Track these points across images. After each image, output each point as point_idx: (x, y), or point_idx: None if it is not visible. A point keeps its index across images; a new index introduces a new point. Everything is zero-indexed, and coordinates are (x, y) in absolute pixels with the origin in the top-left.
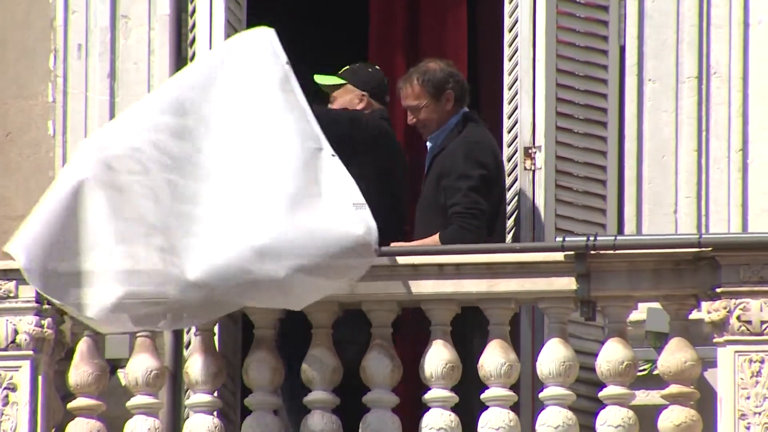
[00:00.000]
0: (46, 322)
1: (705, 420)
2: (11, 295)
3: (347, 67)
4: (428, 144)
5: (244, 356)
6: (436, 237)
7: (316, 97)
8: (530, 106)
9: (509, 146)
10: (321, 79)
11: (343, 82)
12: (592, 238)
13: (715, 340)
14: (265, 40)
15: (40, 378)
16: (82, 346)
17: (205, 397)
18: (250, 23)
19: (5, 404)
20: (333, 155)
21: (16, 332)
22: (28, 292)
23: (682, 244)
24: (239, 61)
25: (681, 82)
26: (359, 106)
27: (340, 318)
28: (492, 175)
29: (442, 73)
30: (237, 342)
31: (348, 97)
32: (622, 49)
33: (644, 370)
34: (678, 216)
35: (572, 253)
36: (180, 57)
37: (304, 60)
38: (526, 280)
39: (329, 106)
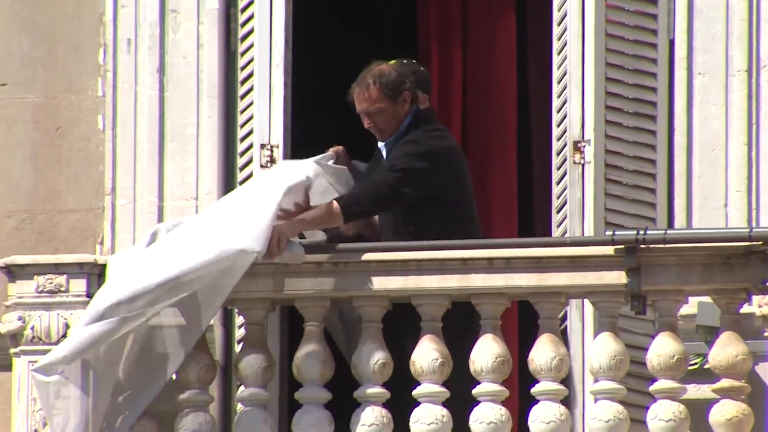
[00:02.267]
0: None
1: (756, 414)
2: (62, 289)
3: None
4: (381, 146)
5: (291, 350)
6: (333, 202)
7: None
8: (579, 99)
9: (558, 140)
10: None
11: None
12: (642, 232)
13: (766, 334)
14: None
15: (90, 373)
16: None
17: (256, 392)
18: (299, 25)
19: (56, 398)
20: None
21: (67, 326)
22: (79, 286)
23: (732, 237)
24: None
25: (731, 75)
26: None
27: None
28: (429, 169)
29: (397, 74)
30: (284, 336)
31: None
32: (672, 43)
33: (695, 364)
34: (728, 209)
35: (622, 247)
36: (229, 51)
37: (345, 62)
38: (576, 274)
39: None
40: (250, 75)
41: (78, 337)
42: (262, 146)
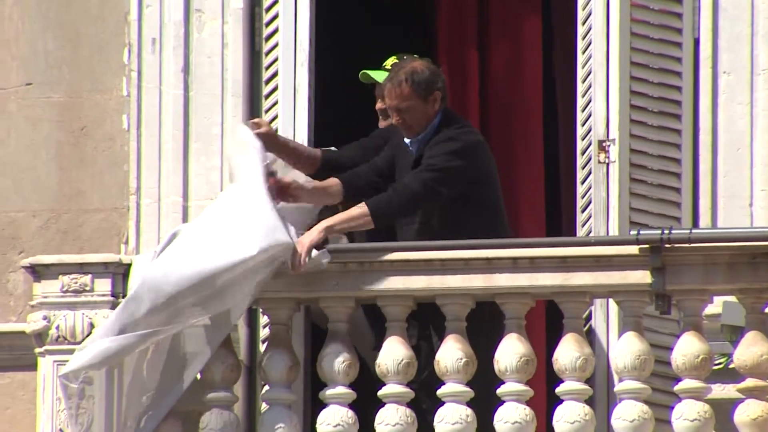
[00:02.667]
0: None
1: None
2: (87, 288)
3: (396, 60)
4: (408, 141)
5: (315, 350)
6: (362, 206)
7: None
8: (604, 98)
9: (583, 139)
10: (383, 78)
11: None
12: (667, 232)
13: None
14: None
15: (115, 372)
16: None
17: (280, 391)
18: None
19: (81, 398)
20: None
21: (92, 326)
22: (103, 286)
23: (757, 237)
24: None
25: (756, 74)
26: None
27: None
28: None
29: (430, 73)
30: (307, 335)
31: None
32: (697, 42)
33: (720, 363)
34: (753, 209)
35: (647, 246)
36: (253, 51)
37: (371, 57)
38: (600, 274)
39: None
40: (275, 74)
41: (105, 347)
42: None
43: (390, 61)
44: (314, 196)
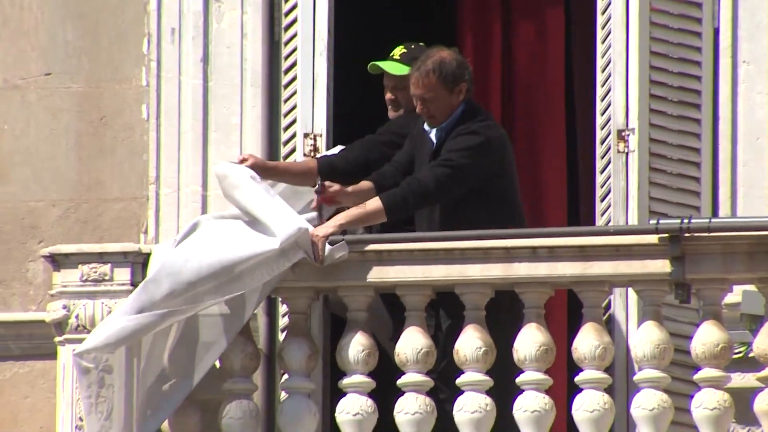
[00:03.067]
0: None
1: None
2: (106, 278)
3: (403, 49)
4: (428, 129)
5: (334, 339)
6: (377, 200)
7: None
8: (623, 88)
9: (602, 129)
10: (393, 68)
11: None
12: (686, 221)
13: None
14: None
15: (134, 360)
16: None
17: (299, 380)
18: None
19: (101, 386)
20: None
21: (108, 317)
22: (123, 275)
23: None
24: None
25: None
26: None
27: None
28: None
29: (457, 64)
30: (326, 324)
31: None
32: (716, 31)
33: (739, 352)
34: None
35: (667, 235)
36: (272, 41)
37: (391, 47)
38: (620, 263)
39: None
40: (294, 65)
41: (123, 326)
42: (306, 135)
43: (398, 51)
44: (354, 199)
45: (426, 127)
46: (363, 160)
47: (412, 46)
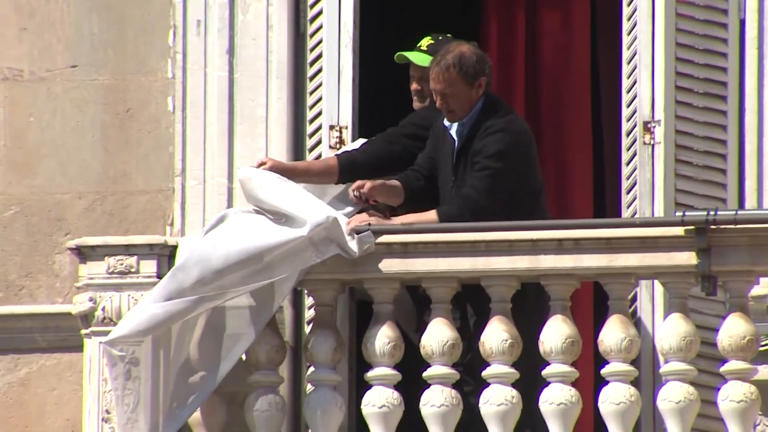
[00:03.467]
0: None
1: None
2: (132, 270)
3: (430, 40)
4: (448, 125)
5: (360, 331)
6: (433, 213)
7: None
8: (649, 80)
9: (628, 120)
10: (419, 59)
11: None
12: (712, 213)
13: None
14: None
15: (161, 353)
16: None
17: (325, 372)
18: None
19: (128, 378)
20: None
21: (137, 305)
22: (149, 267)
23: None
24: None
25: None
26: None
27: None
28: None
29: (477, 59)
30: (352, 317)
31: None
32: (742, 23)
33: (766, 344)
34: None
35: (693, 227)
36: (298, 32)
37: (417, 38)
38: (645, 255)
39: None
40: (319, 56)
41: (152, 313)
42: (331, 127)
43: (425, 42)
44: (388, 193)
45: (446, 123)
46: (385, 154)
47: (440, 38)
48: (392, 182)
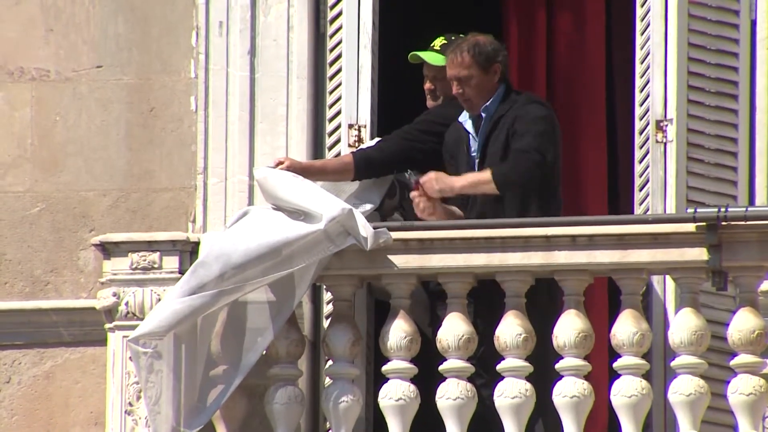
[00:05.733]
0: None
1: None
2: (155, 266)
3: (443, 40)
4: (463, 120)
5: (378, 325)
6: (487, 172)
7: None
8: (662, 79)
9: (641, 119)
10: (432, 58)
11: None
12: (723, 210)
13: None
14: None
15: (182, 347)
16: None
17: (344, 366)
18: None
19: (150, 372)
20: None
21: (160, 302)
22: (171, 263)
23: None
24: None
25: None
26: None
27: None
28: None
29: (492, 47)
30: (370, 311)
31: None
32: (753, 23)
33: None
34: None
35: (704, 224)
36: (318, 33)
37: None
38: (657, 251)
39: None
40: (339, 56)
41: (175, 308)
42: (350, 126)
43: (438, 41)
44: (446, 217)
45: (461, 120)
46: (401, 151)
47: (452, 38)
48: (453, 209)
